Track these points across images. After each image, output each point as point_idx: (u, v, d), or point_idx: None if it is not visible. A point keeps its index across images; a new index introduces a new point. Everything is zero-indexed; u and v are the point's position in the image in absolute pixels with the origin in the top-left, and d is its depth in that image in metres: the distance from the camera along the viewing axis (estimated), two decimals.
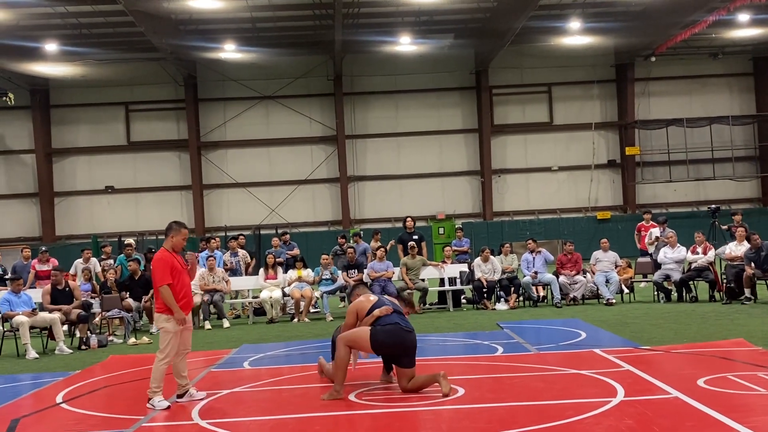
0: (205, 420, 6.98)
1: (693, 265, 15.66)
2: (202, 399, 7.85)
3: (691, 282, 15.65)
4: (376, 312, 7.78)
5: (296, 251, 18.24)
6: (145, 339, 13.45)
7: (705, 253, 15.51)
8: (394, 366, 7.91)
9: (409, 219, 18.12)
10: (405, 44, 31.97)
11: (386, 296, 8.75)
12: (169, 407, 7.49)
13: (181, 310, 7.76)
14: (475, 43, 33.56)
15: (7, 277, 16.38)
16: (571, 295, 16.10)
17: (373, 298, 8.07)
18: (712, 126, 35.48)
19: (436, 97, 36.22)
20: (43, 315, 12.77)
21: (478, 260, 16.65)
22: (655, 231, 18.14)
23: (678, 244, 16.10)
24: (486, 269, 16.41)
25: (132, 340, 13.41)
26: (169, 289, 7.71)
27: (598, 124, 36.40)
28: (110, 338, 13.67)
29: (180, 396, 7.85)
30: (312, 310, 16.35)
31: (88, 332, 13.22)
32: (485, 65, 34.99)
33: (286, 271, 16.58)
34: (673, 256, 15.89)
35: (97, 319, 14.10)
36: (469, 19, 31.49)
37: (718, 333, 10.99)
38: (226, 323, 15.17)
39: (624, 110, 36.16)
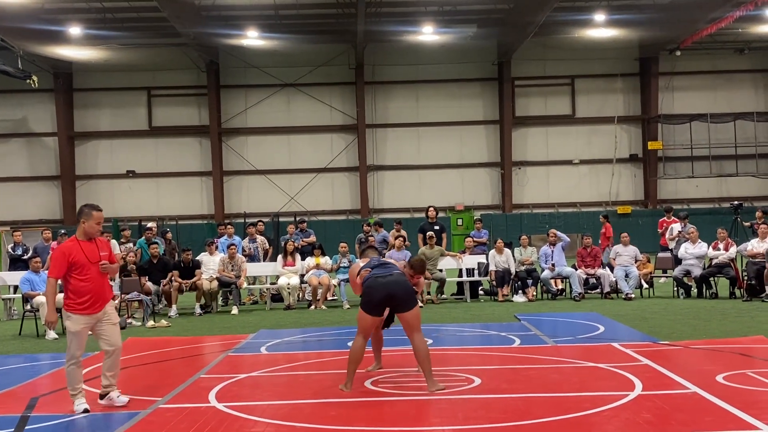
0: (221, 403, 7.02)
1: (714, 262, 15.53)
2: (123, 406, 6.90)
3: (711, 278, 15.52)
4: (357, 280, 7.64)
5: (312, 238, 18.27)
6: (164, 322, 13.55)
7: (726, 249, 15.38)
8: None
9: (431, 209, 18.08)
10: (427, 34, 31.82)
11: (386, 258, 8.63)
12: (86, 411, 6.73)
13: (89, 307, 6.87)
14: (498, 34, 33.36)
15: (23, 256, 16.52)
16: (606, 290, 16.03)
17: (368, 260, 7.89)
18: (737, 122, 35.18)
19: (458, 87, 36.07)
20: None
21: (492, 252, 16.62)
22: (676, 226, 18.01)
23: (699, 240, 15.99)
24: (500, 261, 16.35)
25: (150, 323, 13.52)
26: (55, 282, 6.92)
27: (620, 117, 36.14)
28: (129, 321, 13.77)
29: (101, 397, 7.02)
30: (329, 298, 16.42)
31: None
32: (508, 56, 34.80)
33: (303, 259, 16.62)
34: (693, 252, 15.77)
35: (116, 301, 14.20)
36: (493, 9, 31.30)
37: (738, 330, 10.89)
38: (234, 310, 15.26)
39: (647, 104, 35.87)
